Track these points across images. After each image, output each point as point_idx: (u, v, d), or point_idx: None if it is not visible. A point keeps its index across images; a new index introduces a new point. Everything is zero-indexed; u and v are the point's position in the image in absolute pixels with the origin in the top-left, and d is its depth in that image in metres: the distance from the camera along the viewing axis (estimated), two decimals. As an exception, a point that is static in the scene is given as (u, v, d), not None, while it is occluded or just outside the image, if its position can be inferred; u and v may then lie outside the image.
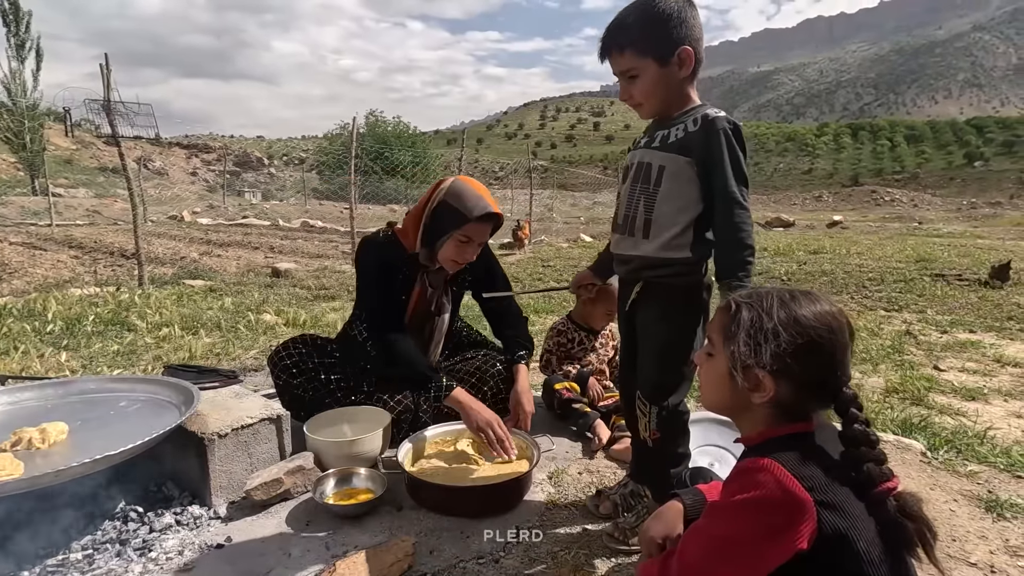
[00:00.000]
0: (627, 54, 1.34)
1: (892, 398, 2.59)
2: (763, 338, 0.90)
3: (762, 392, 0.91)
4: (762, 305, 0.92)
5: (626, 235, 1.42)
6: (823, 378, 0.90)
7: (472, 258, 1.96)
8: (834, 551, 0.81)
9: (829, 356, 0.90)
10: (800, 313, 0.90)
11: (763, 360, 0.89)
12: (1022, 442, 2.11)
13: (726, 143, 1.28)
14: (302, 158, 50.07)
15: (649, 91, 1.36)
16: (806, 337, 0.89)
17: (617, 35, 1.35)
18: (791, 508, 0.81)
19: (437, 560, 1.39)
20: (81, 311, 4.07)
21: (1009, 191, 52.22)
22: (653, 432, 1.40)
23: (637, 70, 1.34)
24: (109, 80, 5.41)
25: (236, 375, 2.08)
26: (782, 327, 0.89)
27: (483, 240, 1.94)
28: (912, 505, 0.84)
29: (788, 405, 0.92)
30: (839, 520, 0.81)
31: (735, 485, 0.88)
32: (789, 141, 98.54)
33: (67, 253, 8.20)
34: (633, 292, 1.45)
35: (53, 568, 1.32)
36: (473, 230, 1.87)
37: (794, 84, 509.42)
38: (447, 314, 2.10)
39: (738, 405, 0.97)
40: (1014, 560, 1.40)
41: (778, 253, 8.80)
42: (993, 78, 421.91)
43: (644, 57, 1.33)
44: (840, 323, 0.91)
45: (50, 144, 26.68)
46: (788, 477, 0.82)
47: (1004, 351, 3.35)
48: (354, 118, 8.33)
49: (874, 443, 0.87)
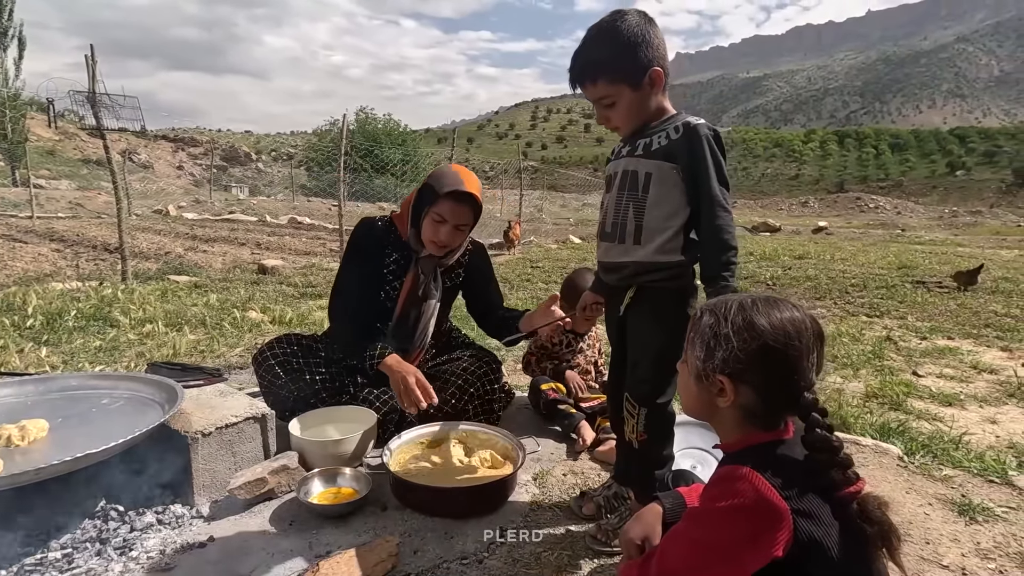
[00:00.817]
0: (600, 84, 1.37)
1: (872, 403, 2.64)
2: (715, 343, 0.92)
3: (724, 397, 0.94)
4: (720, 311, 0.94)
5: (616, 243, 1.43)
6: (780, 383, 0.91)
7: (449, 241, 1.97)
8: (808, 558, 0.83)
9: (783, 361, 0.90)
10: (755, 319, 0.91)
11: (715, 364, 0.92)
12: (995, 447, 2.16)
13: (709, 149, 1.31)
14: (291, 154, 49.63)
15: (626, 115, 1.40)
16: (759, 342, 0.90)
17: (587, 68, 1.38)
18: (769, 516, 0.83)
19: (421, 560, 1.39)
20: (62, 306, 4.01)
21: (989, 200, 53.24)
22: (640, 434, 1.42)
23: (612, 97, 1.38)
24: (94, 71, 5.33)
25: (220, 373, 2.06)
26: (734, 332, 0.91)
27: (458, 222, 1.94)
28: (874, 509, 0.86)
29: (753, 410, 0.93)
30: (814, 528, 0.83)
31: (714, 491, 0.90)
32: (777, 147, 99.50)
33: (48, 246, 8.06)
34: (626, 298, 1.46)
35: (31, 567, 1.31)
36: (445, 209, 1.90)
37: (783, 90, 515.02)
38: (434, 300, 2.11)
39: (707, 409, 0.99)
40: (984, 563, 1.44)
41: (764, 258, 8.90)
42: (976, 89, 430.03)
43: (617, 84, 1.36)
44: (800, 329, 0.91)
45: (32, 135, 26.17)
46: (766, 486, 0.84)
47: (981, 358, 3.42)
48: (344, 114, 8.29)
49: (836, 448, 0.88)
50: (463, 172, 1.97)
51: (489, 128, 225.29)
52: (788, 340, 0.91)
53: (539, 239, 12.40)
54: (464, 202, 1.93)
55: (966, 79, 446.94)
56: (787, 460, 0.90)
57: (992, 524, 1.61)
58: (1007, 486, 1.83)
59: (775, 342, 0.90)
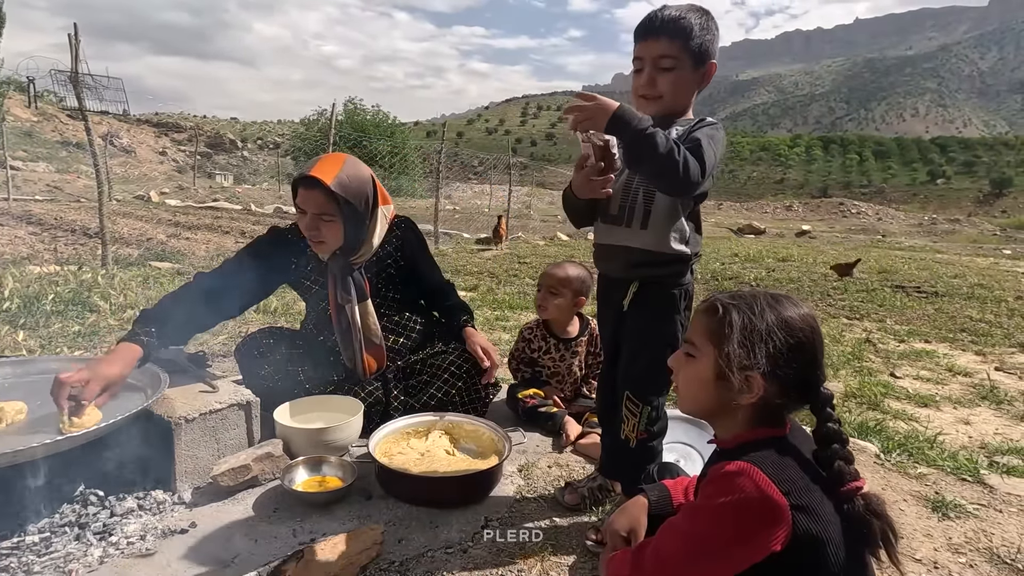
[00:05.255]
0: (676, 43, 1.34)
1: (850, 402, 2.69)
2: (758, 339, 0.92)
3: (752, 393, 0.93)
4: (752, 308, 0.94)
5: (622, 225, 1.41)
6: (807, 377, 0.94)
7: (312, 233, 1.85)
8: (805, 553, 0.85)
9: (812, 355, 0.94)
10: (787, 315, 0.94)
11: (759, 362, 0.92)
12: (968, 447, 2.23)
13: (709, 129, 1.35)
14: (277, 142, 48.96)
15: (675, 86, 1.37)
16: (796, 338, 0.92)
17: (673, 24, 1.34)
18: (768, 512, 0.84)
19: (406, 549, 1.39)
20: (40, 289, 3.92)
21: (967, 209, 54.45)
22: (641, 432, 1.43)
23: (675, 62, 1.35)
24: (77, 51, 5.20)
25: (206, 358, 2.04)
26: (776, 328, 0.92)
27: (315, 210, 1.82)
28: (877, 505, 0.88)
29: (771, 406, 0.95)
30: (812, 524, 0.85)
31: (714, 488, 0.90)
32: (763, 151, 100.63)
33: (25, 229, 7.88)
34: (629, 293, 1.44)
35: (7, 551, 1.28)
36: (299, 198, 1.85)
37: (770, 95, 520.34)
38: (354, 304, 1.97)
39: (719, 407, 0.99)
40: (955, 557, 1.48)
41: (748, 259, 9.00)
42: (957, 99, 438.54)
43: (686, 54, 1.35)
44: (815, 325, 0.96)
45: (9, 115, 25.50)
46: (766, 481, 0.85)
47: (956, 361, 3.50)
48: (333, 104, 8.21)
49: (845, 441, 0.91)
50: (326, 157, 1.86)
51: (479, 123, 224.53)
52: (814, 335, 0.94)
53: (527, 235, 12.41)
54: (313, 187, 1.80)
55: (948, 89, 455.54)
56: (787, 456, 0.91)
57: (964, 520, 1.66)
58: (978, 484, 1.88)
59: (806, 338, 0.93)
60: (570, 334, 2.34)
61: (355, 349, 1.99)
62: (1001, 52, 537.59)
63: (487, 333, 3.59)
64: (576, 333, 2.34)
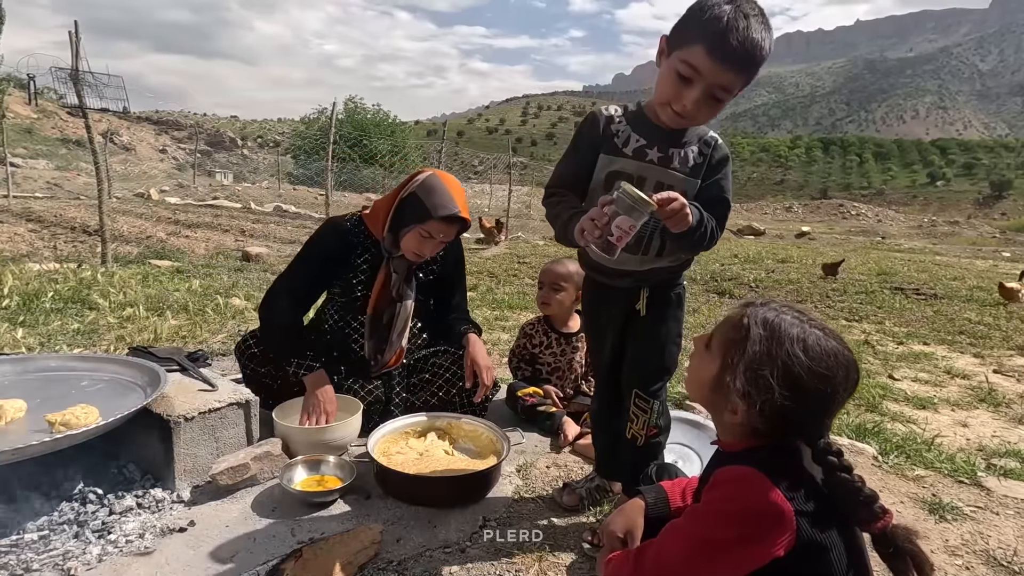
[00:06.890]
0: (742, 78, 1.20)
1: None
2: (763, 381, 0.88)
3: (736, 416, 0.93)
4: (779, 343, 0.89)
5: (637, 254, 1.37)
6: (803, 430, 0.91)
7: (432, 253, 1.97)
8: (808, 559, 0.85)
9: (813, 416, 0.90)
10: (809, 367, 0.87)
11: (753, 400, 0.90)
12: (966, 450, 2.23)
13: (728, 167, 1.38)
14: (277, 141, 48.92)
15: (714, 113, 1.25)
16: (801, 397, 0.88)
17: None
18: (773, 518, 0.84)
19: (404, 548, 1.40)
20: (39, 287, 3.92)
21: (967, 211, 54.48)
22: (651, 429, 1.44)
23: (730, 96, 1.22)
24: (78, 48, 5.21)
25: (205, 357, 2.04)
26: (783, 380, 0.87)
27: (447, 238, 1.93)
28: (904, 542, 0.85)
29: (760, 431, 0.93)
30: (817, 530, 0.85)
31: (718, 492, 0.90)
32: (764, 152, 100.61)
33: (24, 226, 7.88)
34: (643, 297, 1.43)
35: (6, 548, 1.28)
36: (435, 227, 1.86)
37: (771, 96, 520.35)
38: (409, 301, 2.06)
39: (712, 408, 1.01)
40: (952, 559, 1.49)
41: (748, 260, 9.00)
42: (958, 102, 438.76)
43: (741, 86, 1.22)
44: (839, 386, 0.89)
45: (9, 112, 25.46)
46: (771, 488, 0.85)
47: (954, 363, 3.51)
48: (333, 103, 8.21)
49: (858, 489, 0.86)
50: (454, 188, 1.90)
51: (479, 122, 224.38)
52: (828, 397, 0.89)
53: (527, 235, 12.41)
54: (455, 223, 1.90)
55: (949, 91, 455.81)
56: (791, 462, 0.91)
57: (961, 523, 1.66)
58: (976, 487, 1.89)
59: (812, 401, 0.88)
60: (571, 329, 2.36)
61: (392, 341, 2.05)
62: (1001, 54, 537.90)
63: (487, 333, 3.59)
64: (577, 328, 2.36)
